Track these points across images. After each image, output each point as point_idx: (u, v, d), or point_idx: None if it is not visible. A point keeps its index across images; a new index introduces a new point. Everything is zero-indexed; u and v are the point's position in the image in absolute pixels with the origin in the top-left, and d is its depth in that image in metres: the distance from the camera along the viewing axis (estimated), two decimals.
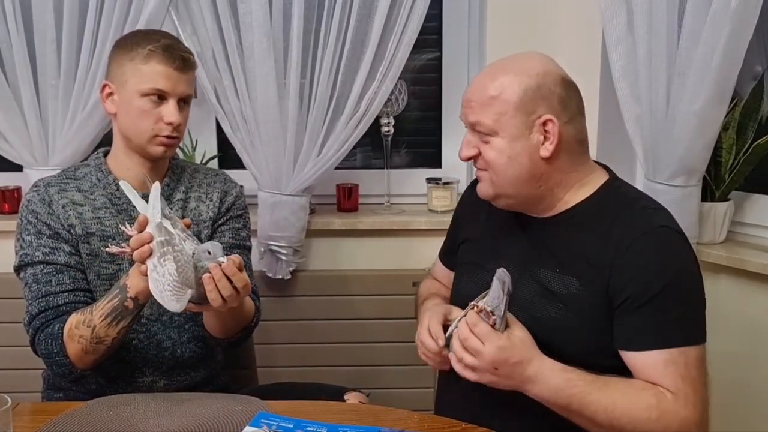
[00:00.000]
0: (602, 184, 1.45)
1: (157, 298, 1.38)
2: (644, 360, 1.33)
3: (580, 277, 1.37)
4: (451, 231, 1.70)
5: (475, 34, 2.39)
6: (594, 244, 1.37)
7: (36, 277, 1.59)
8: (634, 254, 1.34)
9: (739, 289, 2.05)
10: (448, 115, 2.48)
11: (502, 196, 1.43)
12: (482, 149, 1.41)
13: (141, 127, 1.60)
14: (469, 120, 1.41)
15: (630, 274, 1.33)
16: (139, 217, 1.42)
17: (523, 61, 1.41)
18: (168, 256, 1.37)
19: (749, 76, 2.09)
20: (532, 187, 1.41)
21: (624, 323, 1.35)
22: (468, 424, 1.35)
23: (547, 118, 1.36)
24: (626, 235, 1.35)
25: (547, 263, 1.42)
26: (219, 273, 1.37)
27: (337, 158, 2.19)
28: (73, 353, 1.53)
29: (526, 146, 1.38)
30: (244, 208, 1.79)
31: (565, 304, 1.38)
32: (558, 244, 1.42)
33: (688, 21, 1.86)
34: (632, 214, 1.39)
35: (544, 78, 1.37)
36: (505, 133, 1.37)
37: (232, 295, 1.39)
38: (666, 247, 1.36)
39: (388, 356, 2.29)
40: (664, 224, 1.38)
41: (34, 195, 1.63)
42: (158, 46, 1.57)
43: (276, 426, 1.31)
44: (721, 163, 2.06)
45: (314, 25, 2.11)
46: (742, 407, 2.05)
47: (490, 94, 1.37)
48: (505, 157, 1.38)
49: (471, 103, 1.40)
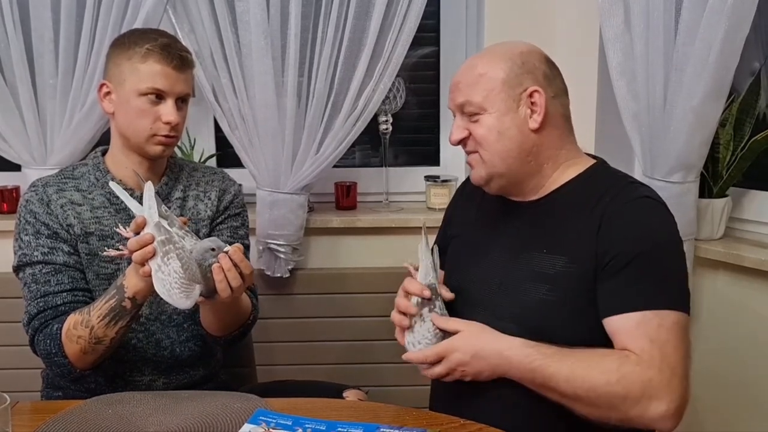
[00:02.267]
0: (590, 165, 1.48)
1: (165, 297, 1.39)
2: (618, 324, 1.34)
3: (568, 253, 1.39)
4: (441, 230, 1.71)
5: (473, 32, 2.39)
6: (580, 219, 1.40)
7: (35, 277, 1.59)
8: (617, 221, 1.37)
9: (737, 285, 2.05)
10: (446, 112, 2.46)
11: (494, 176, 1.45)
12: (471, 129, 1.44)
13: (139, 127, 1.59)
14: (457, 102, 1.45)
15: (611, 240, 1.36)
16: (136, 218, 1.41)
17: (508, 44, 1.48)
18: (171, 255, 1.38)
19: (746, 72, 2.09)
20: (523, 162, 1.43)
21: (605, 289, 1.36)
22: (467, 420, 1.35)
23: (534, 89, 1.40)
24: (610, 205, 1.39)
25: (535, 245, 1.43)
26: (228, 263, 1.39)
27: (336, 156, 2.20)
28: (72, 353, 1.53)
29: (515, 119, 1.41)
30: (242, 207, 1.79)
31: (553, 284, 1.39)
32: (546, 225, 1.44)
33: (685, 17, 1.86)
34: (617, 188, 1.42)
35: (528, 56, 1.44)
36: (493, 109, 1.41)
37: (240, 284, 1.41)
38: (648, 215, 1.39)
39: (387, 354, 2.28)
40: (646, 195, 1.41)
41: (32, 195, 1.63)
42: (156, 45, 1.57)
43: (275, 423, 1.31)
44: (718, 159, 2.06)
45: (312, 23, 2.11)
46: (740, 402, 2.06)
47: (478, 72, 1.42)
48: (495, 132, 1.41)
49: (459, 85, 1.44)
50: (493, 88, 1.41)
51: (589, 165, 1.48)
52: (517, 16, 2.21)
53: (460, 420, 1.35)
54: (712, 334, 2.10)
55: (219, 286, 1.40)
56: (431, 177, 2.42)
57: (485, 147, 1.43)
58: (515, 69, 1.41)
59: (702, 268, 2.07)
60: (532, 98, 1.41)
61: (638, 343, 1.30)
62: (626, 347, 1.32)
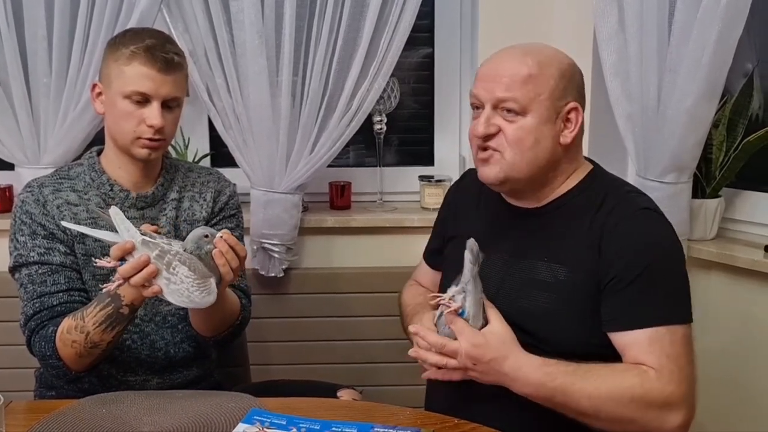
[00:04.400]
0: (587, 173, 1.48)
1: (187, 304, 1.40)
2: (630, 339, 1.34)
3: (568, 263, 1.39)
4: (437, 230, 1.70)
5: (467, 32, 2.39)
6: (580, 230, 1.40)
7: (31, 278, 1.58)
8: (618, 235, 1.36)
9: (730, 285, 2.06)
10: (441, 112, 2.48)
11: (510, 179, 1.42)
12: (504, 127, 1.39)
13: (124, 129, 1.58)
14: (497, 95, 1.38)
15: (615, 254, 1.36)
16: (122, 244, 1.37)
17: (554, 50, 1.45)
18: (174, 263, 1.37)
19: (739, 74, 2.10)
20: (543, 172, 1.42)
21: (610, 304, 1.36)
22: (461, 420, 1.35)
23: (574, 106, 1.39)
24: (611, 218, 1.38)
25: (535, 253, 1.43)
26: (225, 245, 1.40)
27: (330, 156, 2.19)
28: (67, 357, 1.52)
29: (551, 131, 1.39)
30: (237, 208, 1.78)
31: (553, 293, 1.39)
32: (546, 233, 1.44)
33: (679, 18, 1.87)
34: (617, 198, 1.42)
35: (574, 68, 1.43)
36: (535, 114, 1.38)
37: (238, 266, 1.43)
38: (649, 228, 1.39)
39: (381, 353, 2.29)
40: (646, 206, 1.41)
41: (28, 195, 1.62)
42: (141, 47, 1.55)
43: (269, 423, 1.32)
44: (711, 159, 2.07)
45: (306, 22, 2.11)
46: (733, 403, 2.06)
47: (529, 72, 1.37)
48: (532, 138, 1.38)
49: (503, 79, 1.38)
50: (541, 93, 1.37)
51: (587, 172, 1.48)
52: (511, 16, 2.21)
53: (454, 419, 1.36)
54: (705, 334, 2.10)
55: (223, 270, 1.41)
56: (425, 177, 2.41)
57: (515, 149, 1.39)
58: (564, 80, 1.39)
59: (695, 268, 2.07)
60: (569, 114, 1.39)
61: (654, 359, 1.32)
62: (642, 362, 1.33)
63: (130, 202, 1.65)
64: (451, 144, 2.49)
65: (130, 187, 1.65)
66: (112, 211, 1.40)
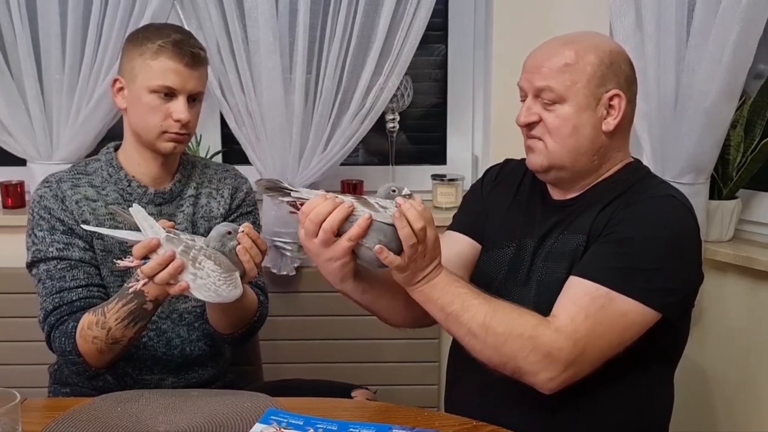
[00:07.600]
0: (625, 165, 1.48)
1: (214, 299, 1.37)
2: (573, 283, 1.33)
3: (585, 231, 1.39)
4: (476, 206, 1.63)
5: (481, 30, 2.38)
6: (600, 206, 1.41)
7: (50, 273, 1.58)
8: (633, 206, 1.37)
9: (746, 287, 2.04)
10: (454, 111, 2.47)
11: (554, 167, 1.43)
12: (544, 116, 1.41)
13: (150, 124, 1.58)
14: (535, 85, 1.40)
15: (619, 216, 1.37)
16: (148, 242, 1.34)
17: (597, 37, 1.45)
18: (200, 257, 1.36)
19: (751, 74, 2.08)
20: (587, 160, 1.42)
21: (588, 251, 1.37)
22: (479, 421, 1.34)
23: (615, 93, 1.39)
24: (632, 196, 1.39)
25: (557, 229, 1.44)
26: (248, 241, 1.39)
27: (343, 154, 2.18)
28: (87, 353, 1.52)
29: (592, 117, 1.40)
30: (254, 204, 1.78)
31: (569, 262, 1.39)
32: (574, 215, 1.44)
33: (698, 18, 1.86)
34: (644, 185, 1.43)
35: (617, 56, 1.41)
36: (573, 102, 1.39)
37: (260, 261, 1.42)
38: (663, 209, 1.38)
39: (394, 353, 2.28)
40: (672, 194, 1.41)
41: (46, 191, 1.61)
42: (168, 42, 1.55)
43: (286, 423, 1.30)
44: (729, 161, 2.05)
45: (320, 19, 2.10)
46: (748, 405, 2.05)
47: (566, 62, 1.39)
48: (570, 125, 1.39)
49: (542, 69, 1.40)
50: (578, 81, 1.38)
51: (626, 164, 1.48)
52: (526, 15, 2.20)
53: (473, 421, 1.35)
54: (720, 336, 2.09)
55: (247, 266, 1.40)
56: (438, 176, 2.40)
57: (555, 138, 1.40)
58: (602, 68, 1.39)
59: (711, 270, 2.06)
60: (612, 101, 1.39)
61: (572, 310, 1.30)
62: (562, 308, 1.31)
63: (148, 198, 1.64)
64: (464, 143, 2.47)
65: (148, 182, 1.64)
66: (133, 210, 1.38)
